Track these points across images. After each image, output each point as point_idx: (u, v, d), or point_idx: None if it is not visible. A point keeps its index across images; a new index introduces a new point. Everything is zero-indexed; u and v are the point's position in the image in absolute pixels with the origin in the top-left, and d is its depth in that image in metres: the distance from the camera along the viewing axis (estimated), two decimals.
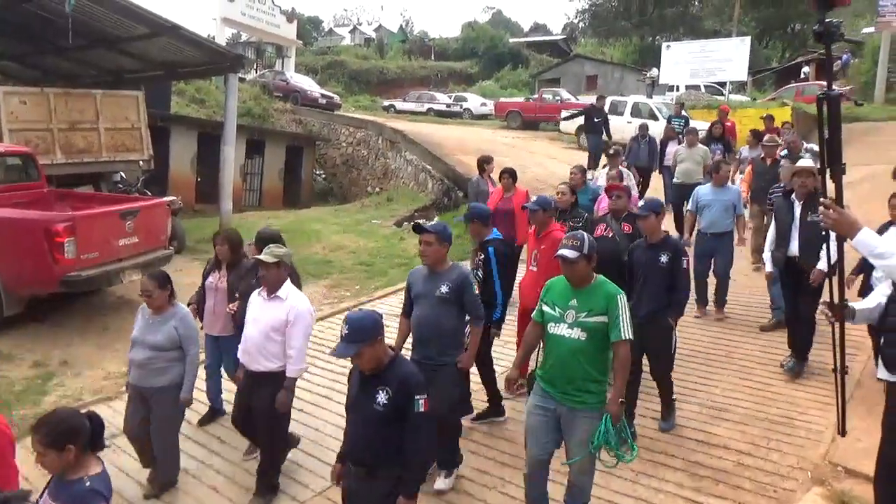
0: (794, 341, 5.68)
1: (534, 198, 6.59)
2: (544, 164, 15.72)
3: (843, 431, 3.11)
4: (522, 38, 52.63)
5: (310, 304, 4.31)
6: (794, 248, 5.48)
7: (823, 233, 2.96)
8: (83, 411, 2.70)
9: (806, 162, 5.78)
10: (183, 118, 17.71)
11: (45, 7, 10.59)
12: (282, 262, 4.12)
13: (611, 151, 8.83)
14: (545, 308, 3.56)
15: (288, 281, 4.21)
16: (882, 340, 2.86)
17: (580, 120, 19.61)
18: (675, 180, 9.98)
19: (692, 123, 13.05)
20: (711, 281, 7.01)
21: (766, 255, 5.82)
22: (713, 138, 11.11)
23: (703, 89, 23.97)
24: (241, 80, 20.57)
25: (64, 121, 10.56)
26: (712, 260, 6.83)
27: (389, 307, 7.77)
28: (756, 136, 10.19)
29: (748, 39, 22.73)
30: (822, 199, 2.73)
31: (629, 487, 4.17)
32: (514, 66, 41.82)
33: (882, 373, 2.96)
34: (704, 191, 7.02)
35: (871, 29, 26.85)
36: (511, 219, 6.93)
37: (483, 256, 4.84)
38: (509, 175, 7.28)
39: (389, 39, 55.06)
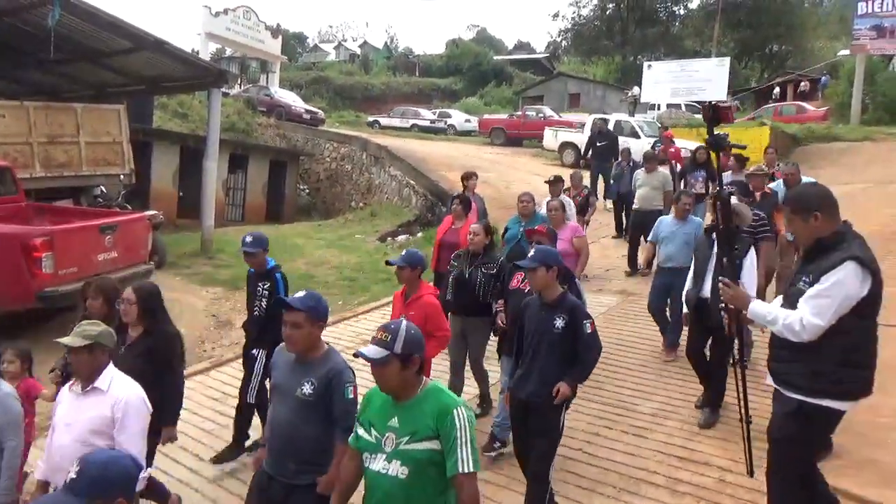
0: (705, 385, 5.26)
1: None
2: (528, 180, 15.78)
3: (751, 472, 3.53)
4: (506, 55, 53.13)
5: (141, 392, 3.20)
6: (706, 288, 5.03)
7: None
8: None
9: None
10: (165, 132, 17.62)
11: (27, 21, 10.52)
12: (96, 344, 3.07)
13: (550, 178, 8.29)
14: (360, 431, 2.57)
15: (110, 366, 3.17)
16: (769, 354, 3.21)
17: (564, 136, 19.94)
18: (633, 207, 9.56)
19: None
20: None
21: (683, 296, 5.41)
22: (697, 165, 10.13)
23: (683, 108, 24.35)
24: (225, 94, 20.55)
25: (44, 134, 10.47)
26: (669, 296, 6.34)
27: (373, 323, 7.76)
28: (739, 161, 9.20)
29: (727, 60, 23.22)
30: (720, 278, 3.13)
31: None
32: (498, 83, 42.22)
33: (769, 379, 3.24)
34: (666, 222, 6.59)
35: (846, 51, 27.50)
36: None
37: (269, 284, 4.72)
38: (461, 203, 6.48)
39: (374, 56, 55.36)
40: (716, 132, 3.16)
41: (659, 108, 24.04)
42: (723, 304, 3.26)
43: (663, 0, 44.02)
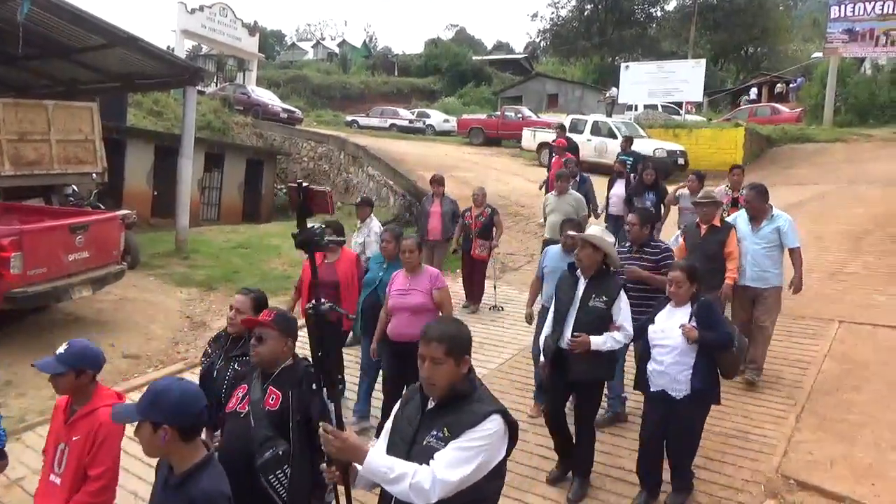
0: (562, 450, 4.45)
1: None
2: (505, 180, 15.85)
3: None
4: (485, 56, 53.29)
5: None
6: (567, 335, 4.16)
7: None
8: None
9: (594, 231, 4.48)
10: (139, 131, 17.36)
11: None
12: None
13: (357, 199, 7.15)
14: None
15: None
16: None
17: (543, 137, 20.02)
18: (545, 235, 8.40)
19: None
20: None
21: (541, 341, 4.55)
22: (644, 186, 9.17)
23: (660, 109, 24.59)
24: (201, 92, 20.35)
25: (13, 132, 10.22)
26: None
27: None
28: (700, 178, 8.11)
29: (703, 62, 23.44)
30: (321, 423, 2.27)
31: (587, 501, 4.18)
32: (477, 83, 42.32)
33: None
34: (552, 254, 5.49)
35: (819, 54, 27.99)
36: (335, 293, 5.11)
37: None
38: (334, 231, 5.24)
39: (353, 55, 55.23)
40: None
41: (636, 109, 24.27)
42: (327, 457, 2.30)
43: (641, 2, 44.52)
